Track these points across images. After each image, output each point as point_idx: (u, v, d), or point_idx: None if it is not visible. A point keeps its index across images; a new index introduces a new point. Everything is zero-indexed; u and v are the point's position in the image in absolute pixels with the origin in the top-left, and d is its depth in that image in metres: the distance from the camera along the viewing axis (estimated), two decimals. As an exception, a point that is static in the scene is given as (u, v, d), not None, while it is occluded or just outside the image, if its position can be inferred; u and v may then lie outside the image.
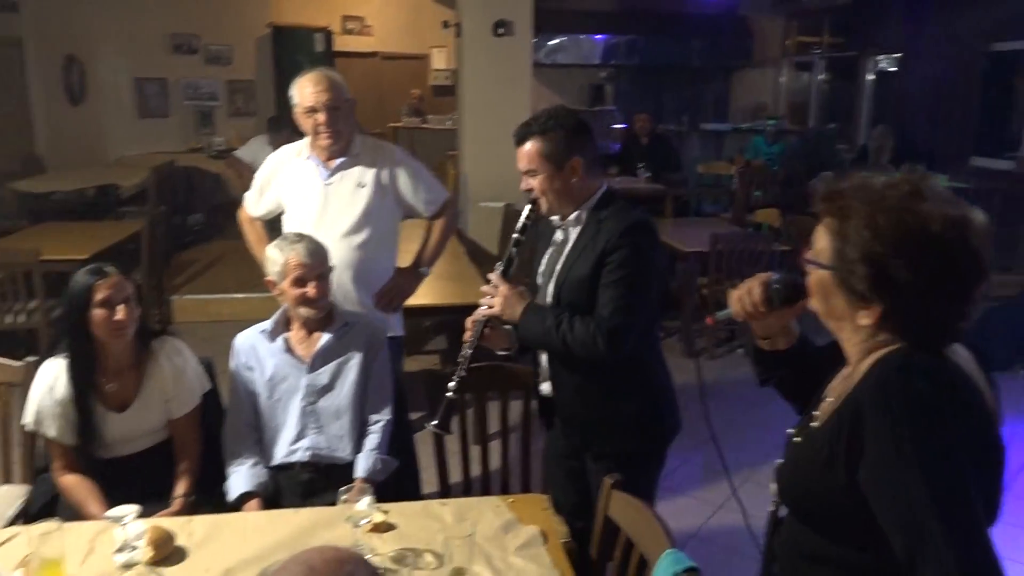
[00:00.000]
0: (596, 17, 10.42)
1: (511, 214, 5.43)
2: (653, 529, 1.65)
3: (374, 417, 2.39)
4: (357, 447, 2.35)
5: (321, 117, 2.62)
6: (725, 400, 4.53)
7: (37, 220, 5.92)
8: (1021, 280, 5.72)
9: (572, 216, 2.08)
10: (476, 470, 2.56)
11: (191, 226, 7.74)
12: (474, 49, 6.10)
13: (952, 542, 1.04)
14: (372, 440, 2.35)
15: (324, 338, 2.37)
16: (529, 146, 2.03)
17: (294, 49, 10.22)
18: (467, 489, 2.56)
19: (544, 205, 2.08)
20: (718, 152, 9.87)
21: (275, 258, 2.32)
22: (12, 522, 2.30)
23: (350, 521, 1.75)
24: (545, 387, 2.24)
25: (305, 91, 2.63)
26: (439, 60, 11.29)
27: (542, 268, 2.20)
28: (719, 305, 5.12)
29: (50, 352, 2.28)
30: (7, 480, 2.52)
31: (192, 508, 2.17)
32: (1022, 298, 5.16)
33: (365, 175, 2.74)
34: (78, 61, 8.28)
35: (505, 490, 2.57)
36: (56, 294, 4.36)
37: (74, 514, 2.11)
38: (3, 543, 1.74)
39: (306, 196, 2.73)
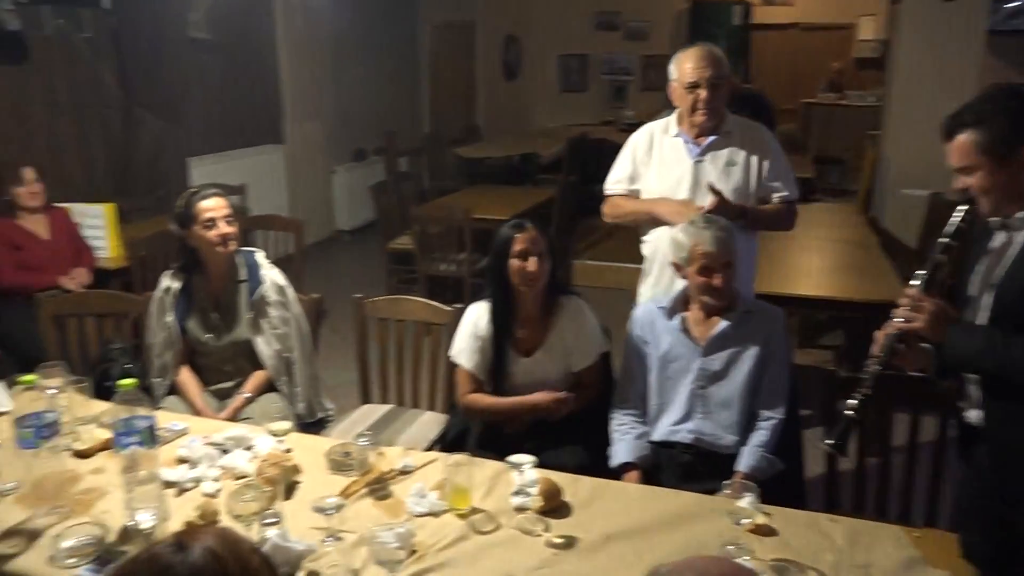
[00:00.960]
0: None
1: (938, 205, 4.78)
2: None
3: (765, 413, 2.28)
4: (742, 440, 2.27)
5: (702, 94, 2.56)
6: None
7: (472, 182, 6.76)
8: None
9: (1020, 215, 1.73)
10: (871, 487, 2.31)
11: (596, 195, 8.17)
12: (915, 15, 5.44)
13: None
14: (760, 436, 2.25)
15: (721, 324, 2.31)
16: (961, 140, 1.72)
17: (711, 23, 10.14)
18: (858, 507, 2.33)
19: (985, 205, 1.75)
20: None
21: (682, 242, 2.30)
22: (431, 446, 2.68)
23: (731, 517, 1.69)
24: (973, 415, 1.91)
25: (686, 66, 2.58)
26: (867, 29, 10.29)
27: (977, 277, 1.86)
28: None
29: (476, 298, 2.58)
30: (431, 407, 2.93)
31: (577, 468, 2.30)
32: None
33: (737, 154, 2.64)
34: (516, 40, 9.19)
35: (904, 518, 2.28)
36: (481, 249, 4.95)
37: (481, 449, 2.36)
38: (425, 464, 2.01)
39: (675, 174, 2.67)
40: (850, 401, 1.87)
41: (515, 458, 1.85)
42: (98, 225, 4.14)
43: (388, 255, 5.45)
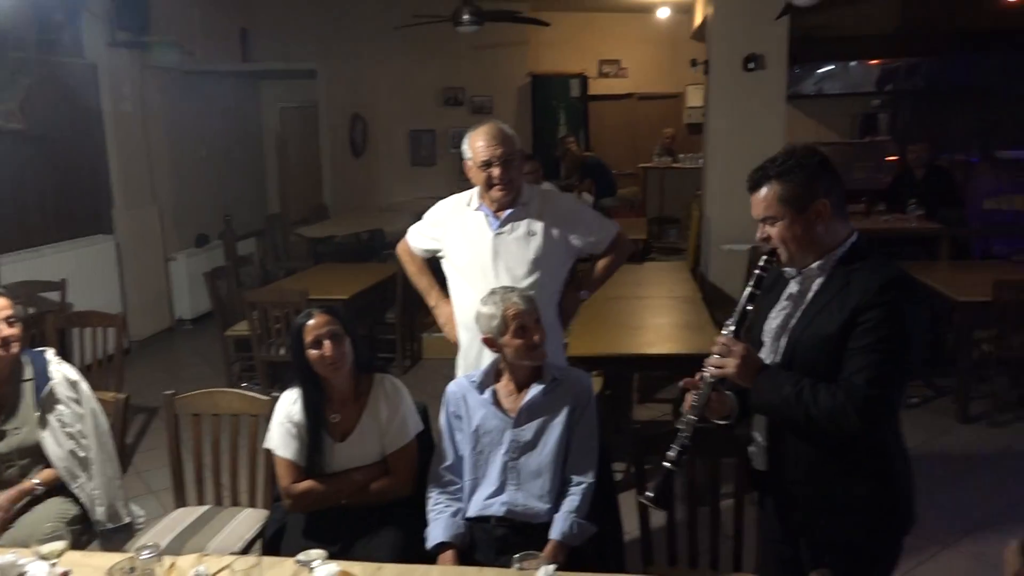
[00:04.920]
0: (871, 41, 9.62)
1: (757, 259, 5.12)
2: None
3: (576, 478, 2.32)
4: (555, 507, 2.29)
5: (496, 171, 2.65)
6: (1006, 476, 3.84)
7: (319, 262, 6.67)
8: None
9: (814, 266, 1.85)
10: (683, 540, 2.37)
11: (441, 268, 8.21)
12: (722, 85, 5.90)
13: None
14: (571, 502, 2.28)
15: (531, 393, 2.35)
16: (766, 191, 1.82)
17: (550, 96, 10.63)
18: (672, 560, 2.39)
19: (784, 255, 1.85)
20: (1016, 185, 8.56)
21: (491, 313, 2.33)
22: (248, 545, 2.56)
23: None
24: (760, 460, 2.01)
25: (477, 145, 2.67)
26: (694, 97, 11.07)
27: (772, 324, 1.97)
28: (1001, 362, 4.38)
29: (290, 383, 2.52)
30: (252, 504, 2.80)
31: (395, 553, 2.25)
32: None
33: (535, 224, 2.74)
34: (361, 118, 9.28)
35: (714, 565, 2.37)
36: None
37: (297, 547, 2.26)
38: (219, 571, 1.90)
39: (476, 247, 2.76)
40: (669, 453, 1.88)
41: (304, 555, 1.79)
42: None
43: (229, 343, 5.26)
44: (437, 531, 2.26)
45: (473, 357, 2.73)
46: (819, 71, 9.76)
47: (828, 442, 1.81)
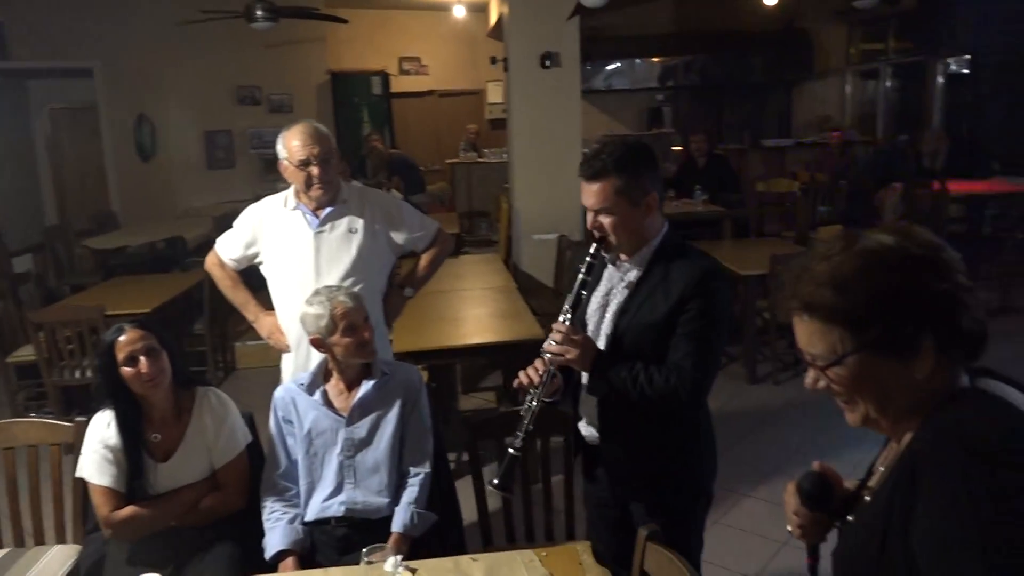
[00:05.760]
0: (652, 40, 10.37)
1: (564, 246, 5.38)
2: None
3: (413, 470, 2.35)
4: (395, 501, 2.31)
5: (315, 170, 2.63)
6: (789, 427, 4.33)
7: (110, 275, 6.17)
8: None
9: (638, 256, 1.96)
10: (519, 515, 2.48)
11: (258, 274, 7.90)
12: (522, 82, 6.10)
13: None
14: (410, 494, 2.31)
15: (363, 390, 2.35)
16: (603, 184, 1.87)
17: (351, 93, 10.49)
18: (510, 537, 2.49)
19: (614, 242, 1.94)
20: (781, 168, 9.61)
21: (319, 313, 2.29)
22: (63, 583, 2.36)
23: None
24: (588, 433, 2.13)
25: (293, 145, 2.64)
26: (495, 94, 11.37)
27: (592, 305, 2.04)
28: (779, 327, 4.93)
29: (99, 406, 2.33)
30: (60, 540, 2.58)
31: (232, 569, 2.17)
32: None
33: (356, 222, 2.75)
34: (148, 119, 8.66)
35: (549, 537, 2.49)
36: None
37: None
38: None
39: (297, 247, 2.72)
40: (514, 441, 1.92)
41: (138, 579, 1.69)
42: None
43: (10, 370, 4.75)
44: (275, 539, 2.22)
45: (302, 360, 2.68)
46: (608, 67, 10.40)
47: (649, 424, 1.96)
